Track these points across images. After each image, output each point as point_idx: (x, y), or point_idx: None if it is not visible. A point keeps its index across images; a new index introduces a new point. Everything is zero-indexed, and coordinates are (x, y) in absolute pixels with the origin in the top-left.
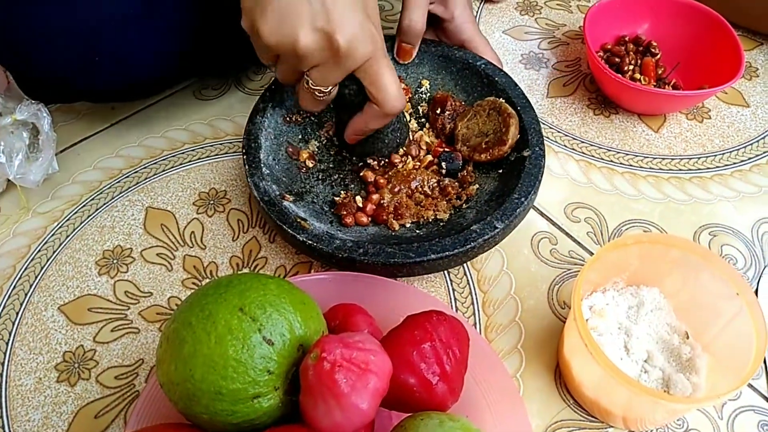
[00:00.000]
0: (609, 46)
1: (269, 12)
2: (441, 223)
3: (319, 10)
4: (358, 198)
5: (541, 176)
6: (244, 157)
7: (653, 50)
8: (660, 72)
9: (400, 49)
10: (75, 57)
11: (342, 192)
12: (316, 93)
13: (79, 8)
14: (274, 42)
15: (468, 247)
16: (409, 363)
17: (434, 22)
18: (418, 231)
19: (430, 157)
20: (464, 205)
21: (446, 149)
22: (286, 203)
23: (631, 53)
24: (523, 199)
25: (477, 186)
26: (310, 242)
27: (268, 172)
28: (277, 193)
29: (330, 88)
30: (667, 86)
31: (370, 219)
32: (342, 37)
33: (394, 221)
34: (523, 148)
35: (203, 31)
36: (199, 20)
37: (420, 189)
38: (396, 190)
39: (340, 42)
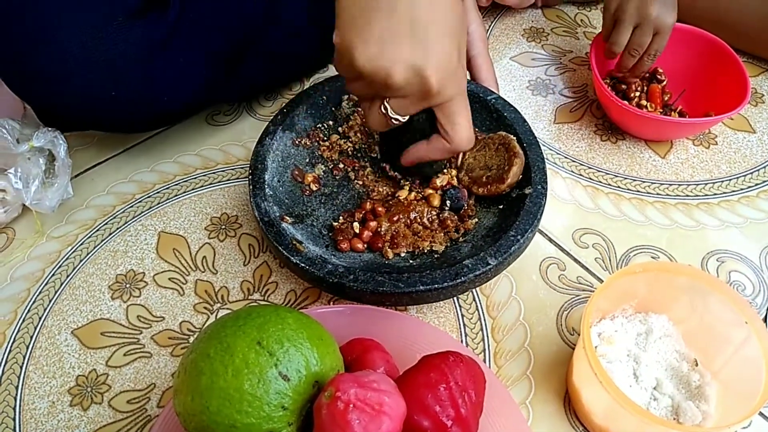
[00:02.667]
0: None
1: (370, 39)
2: (435, 255)
3: (419, 47)
4: (356, 224)
5: (541, 215)
6: (250, 177)
7: (659, 77)
8: (666, 98)
9: None
10: (94, 91)
11: (341, 217)
12: (392, 120)
13: (98, 43)
14: (368, 70)
15: (458, 281)
16: (424, 405)
17: None
18: (411, 261)
19: (438, 201)
20: (461, 239)
21: (453, 186)
22: (284, 225)
23: (638, 80)
24: (519, 236)
25: (476, 220)
26: (303, 265)
27: (271, 193)
28: (278, 214)
29: (407, 117)
30: (673, 113)
31: (365, 246)
32: (435, 78)
33: (389, 250)
34: (525, 185)
35: (222, 63)
36: (216, 55)
37: (419, 220)
38: (395, 218)
39: (432, 83)
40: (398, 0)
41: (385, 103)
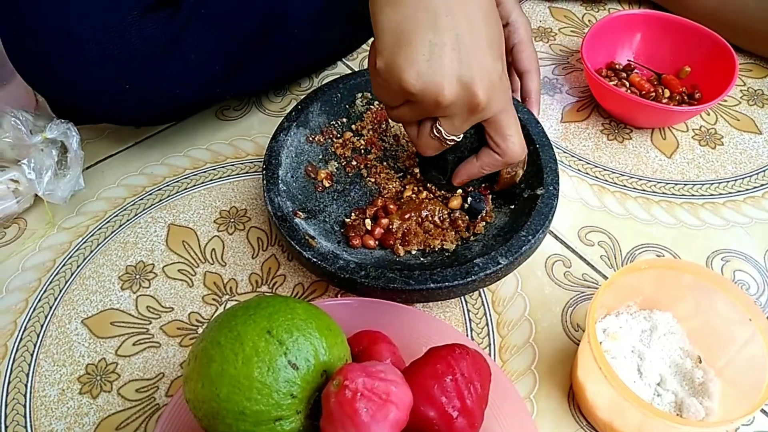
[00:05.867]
0: (618, 65)
1: (417, 57)
2: (446, 253)
3: (465, 60)
4: (368, 221)
5: (552, 216)
6: (264, 172)
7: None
8: (683, 90)
9: None
10: (107, 85)
11: (353, 214)
12: (447, 141)
13: (112, 37)
14: (418, 89)
15: (468, 280)
16: (430, 396)
17: None
18: (422, 259)
19: (457, 203)
20: (472, 238)
21: (478, 189)
22: (297, 220)
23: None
24: (530, 237)
25: (484, 222)
26: (314, 260)
27: (284, 188)
28: (291, 209)
29: (461, 137)
30: (685, 97)
31: (377, 243)
32: (482, 91)
33: (400, 247)
34: (537, 186)
35: (233, 58)
36: (227, 49)
37: (430, 218)
38: (406, 216)
39: (481, 96)
40: (439, 15)
41: (437, 125)
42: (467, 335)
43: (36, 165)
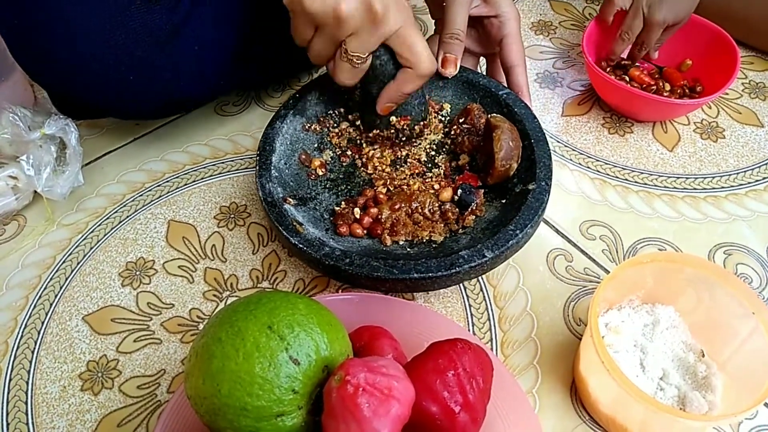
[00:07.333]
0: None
1: None
2: (434, 245)
3: None
4: (357, 210)
5: (542, 211)
6: (257, 158)
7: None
8: (684, 83)
9: (445, 61)
10: (110, 75)
11: (343, 203)
12: (354, 61)
13: (115, 27)
14: (316, 9)
15: (453, 271)
16: (432, 391)
17: (476, 20)
18: (409, 249)
19: (447, 195)
20: (460, 230)
21: (470, 182)
22: (287, 206)
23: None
24: (518, 231)
25: (474, 216)
26: (300, 246)
27: (276, 174)
28: (281, 195)
29: (367, 55)
30: (687, 90)
31: (365, 231)
32: (379, 3)
33: (387, 237)
34: (529, 180)
35: (237, 50)
36: (230, 41)
37: (420, 210)
38: (396, 207)
39: (378, 8)
40: None
41: (344, 46)
42: (469, 330)
43: (35, 161)
